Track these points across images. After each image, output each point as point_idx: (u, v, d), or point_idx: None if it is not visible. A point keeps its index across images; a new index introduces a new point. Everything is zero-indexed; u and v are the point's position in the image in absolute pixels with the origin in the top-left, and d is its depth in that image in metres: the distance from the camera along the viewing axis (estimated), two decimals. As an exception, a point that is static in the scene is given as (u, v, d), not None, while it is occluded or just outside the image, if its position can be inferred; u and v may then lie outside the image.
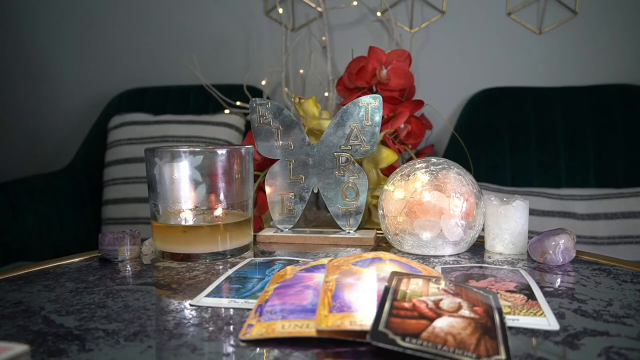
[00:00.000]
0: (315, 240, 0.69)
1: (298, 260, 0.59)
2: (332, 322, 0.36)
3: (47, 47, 1.73)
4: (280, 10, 1.49)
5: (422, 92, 1.36)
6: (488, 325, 0.36)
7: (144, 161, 0.64)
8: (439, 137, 1.48)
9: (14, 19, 1.74)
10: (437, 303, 0.38)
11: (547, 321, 0.40)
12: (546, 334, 0.38)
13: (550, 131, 1.31)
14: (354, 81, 0.99)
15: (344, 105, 0.75)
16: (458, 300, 0.39)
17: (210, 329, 0.40)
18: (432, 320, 0.36)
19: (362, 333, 0.35)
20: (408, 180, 0.62)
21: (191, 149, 0.60)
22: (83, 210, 1.47)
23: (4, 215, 1.30)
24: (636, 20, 1.36)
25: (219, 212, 0.62)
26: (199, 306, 0.45)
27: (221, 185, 0.62)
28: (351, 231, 0.71)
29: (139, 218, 1.39)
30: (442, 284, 0.42)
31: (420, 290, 0.40)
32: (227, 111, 1.45)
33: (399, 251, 0.64)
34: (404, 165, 0.65)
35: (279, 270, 0.51)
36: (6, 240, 1.30)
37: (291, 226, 0.72)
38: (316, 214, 0.94)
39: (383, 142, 0.85)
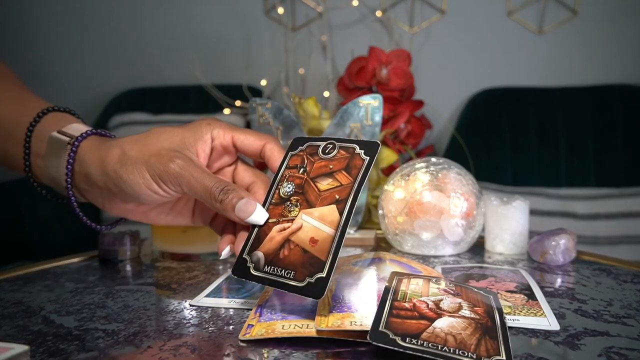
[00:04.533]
0: (315, 240, 0.69)
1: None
2: (332, 322, 0.36)
3: (46, 47, 1.73)
4: (280, 10, 1.49)
5: (422, 92, 1.36)
6: (488, 326, 0.36)
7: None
8: (439, 137, 1.48)
9: (13, 19, 1.74)
10: (437, 303, 0.38)
11: (547, 321, 0.40)
12: (546, 334, 0.38)
13: (550, 131, 1.31)
14: (354, 81, 0.99)
15: (344, 105, 0.75)
16: (458, 300, 0.39)
17: (210, 329, 0.40)
18: (432, 320, 0.36)
19: (362, 333, 0.35)
20: (408, 180, 0.62)
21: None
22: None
23: (4, 215, 1.30)
24: (636, 20, 1.36)
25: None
26: (199, 306, 0.45)
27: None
28: (351, 231, 0.70)
29: (139, 218, 1.39)
30: (443, 284, 0.42)
31: (421, 291, 0.40)
32: (227, 111, 1.45)
33: (399, 251, 0.64)
34: (404, 165, 0.65)
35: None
36: (6, 240, 1.30)
37: (291, 226, 0.72)
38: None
39: (383, 142, 0.85)
